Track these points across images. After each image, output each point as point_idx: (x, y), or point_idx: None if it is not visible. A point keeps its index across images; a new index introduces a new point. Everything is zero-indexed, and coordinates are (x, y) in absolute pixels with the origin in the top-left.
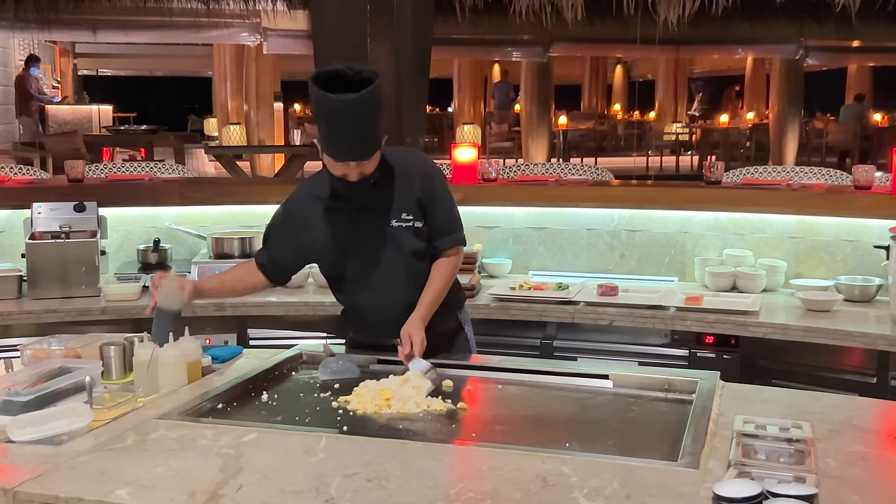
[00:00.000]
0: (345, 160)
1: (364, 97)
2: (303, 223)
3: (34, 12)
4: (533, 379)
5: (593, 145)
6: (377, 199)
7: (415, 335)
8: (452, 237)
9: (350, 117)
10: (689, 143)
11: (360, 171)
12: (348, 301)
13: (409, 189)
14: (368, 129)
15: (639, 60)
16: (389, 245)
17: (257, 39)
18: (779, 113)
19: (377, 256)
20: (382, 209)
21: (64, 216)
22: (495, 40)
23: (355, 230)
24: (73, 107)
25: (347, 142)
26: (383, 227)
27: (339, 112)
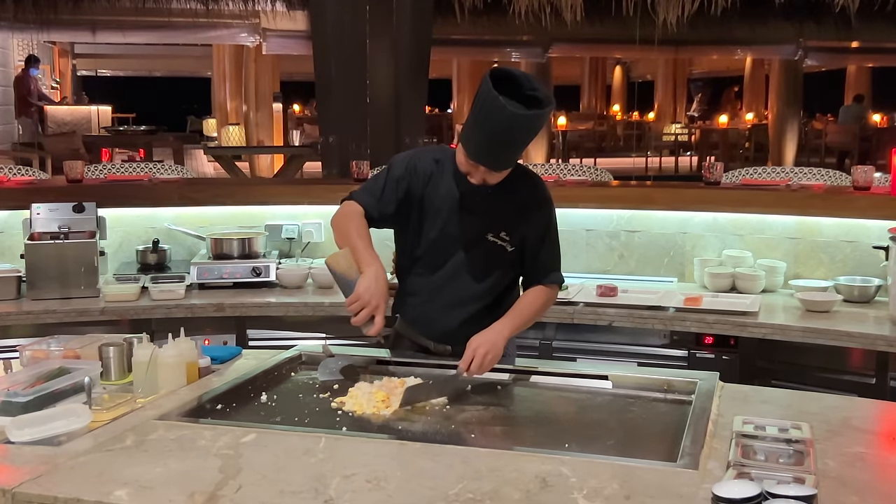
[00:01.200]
0: (479, 162)
1: (532, 117)
2: (417, 185)
3: (33, 13)
4: (532, 380)
5: (592, 146)
6: (487, 207)
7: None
8: (554, 275)
9: (510, 130)
10: (689, 144)
11: (483, 177)
12: (409, 281)
13: (522, 212)
14: (516, 147)
15: (638, 61)
16: (476, 253)
17: (256, 40)
18: (778, 113)
19: (461, 259)
20: (488, 218)
21: (63, 217)
22: (494, 41)
23: (455, 222)
24: (72, 107)
25: (492, 149)
26: (480, 235)
27: (504, 121)
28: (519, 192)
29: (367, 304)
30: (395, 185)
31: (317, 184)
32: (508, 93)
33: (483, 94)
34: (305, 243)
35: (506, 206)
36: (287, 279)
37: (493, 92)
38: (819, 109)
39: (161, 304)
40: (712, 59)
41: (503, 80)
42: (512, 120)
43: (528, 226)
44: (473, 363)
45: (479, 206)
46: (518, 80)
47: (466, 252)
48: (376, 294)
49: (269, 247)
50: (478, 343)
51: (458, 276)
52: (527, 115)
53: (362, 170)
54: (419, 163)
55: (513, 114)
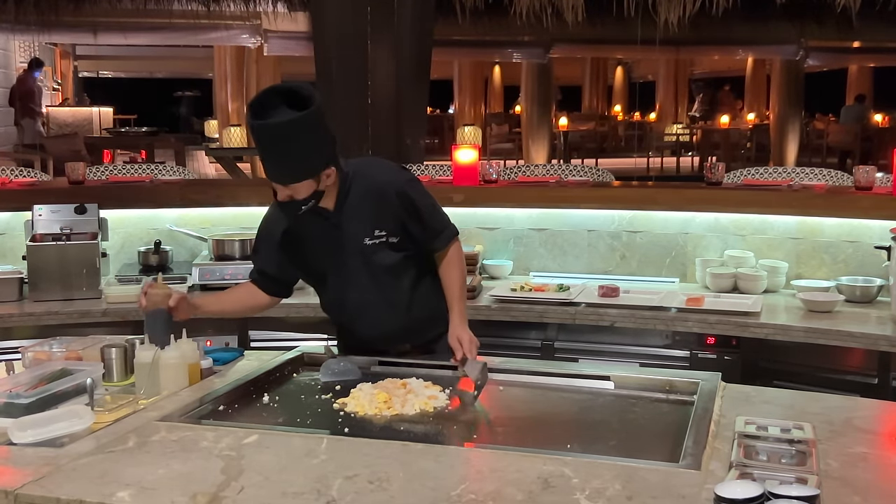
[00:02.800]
0: (273, 180)
1: (273, 126)
2: (279, 239)
3: (35, 14)
4: (534, 380)
5: (594, 146)
6: (348, 218)
7: (462, 336)
8: (445, 234)
9: (271, 142)
10: (690, 144)
11: (288, 193)
12: (332, 318)
13: (383, 206)
14: (294, 155)
15: (639, 61)
16: (365, 264)
17: (258, 41)
18: (779, 114)
19: (354, 276)
20: (353, 226)
21: (65, 218)
22: (496, 41)
23: (330, 250)
24: (73, 109)
25: (272, 164)
26: (358, 244)
27: (258, 135)
28: (366, 187)
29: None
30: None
31: None
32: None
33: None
34: None
35: (363, 207)
36: None
37: (246, 115)
38: (820, 109)
39: None
40: (713, 59)
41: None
42: (260, 132)
43: (397, 212)
44: (465, 349)
45: (338, 220)
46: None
47: (358, 264)
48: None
49: None
50: (455, 336)
51: (362, 290)
52: (271, 124)
53: None
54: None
55: (260, 126)
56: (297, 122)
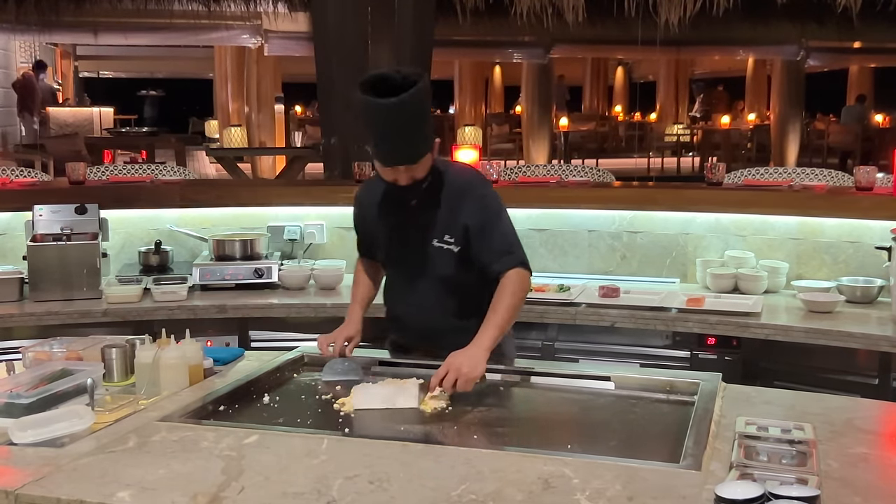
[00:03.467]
0: (392, 164)
1: (405, 100)
2: (367, 219)
3: (35, 14)
4: (534, 381)
5: (594, 147)
6: (424, 214)
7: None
8: (509, 258)
9: (394, 121)
10: (691, 145)
11: (409, 175)
12: (390, 304)
13: (458, 210)
14: (413, 132)
15: (640, 62)
16: (428, 264)
17: (258, 41)
18: (780, 114)
19: (417, 273)
20: (427, 226)
21: (65, 218)
22: (496, 42)
23: (401, 241)
24: (74, 109)
25: (394, 146)
26: (425, 245)
27: (382, 116)
28: (449, 187)
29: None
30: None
31: (319, 185)
32: (388, 93)
33: (360, 103)
34: (307, 244)
35: (440, 206)
36: (289, 280)
37: (361, 97)
38: (821, 110)
39: (163, 306)
40: (714, 59)
41: (377, 84)
42: (380, 110)
43: (465, 219)
44: (446, 380)
45: (418, 215)
46: (390, 78)
47: (422, 263)
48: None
49: (272, 248)
50: (454, 361)
51: (421, 286)
52: (396, 101)
53: (364, 171)
54: (359, 201)
55: (377, 104)
56: (413, 95)
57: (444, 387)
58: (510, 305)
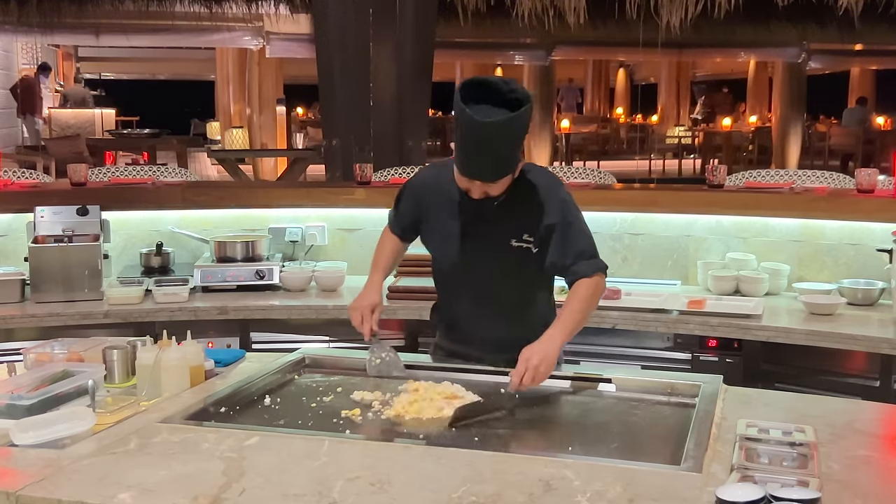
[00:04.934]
0: (471, 177)
1: (507, 122)
2: (426, 207)
3: (37, 16)
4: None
5: (596, 149)
6: (503, 213)
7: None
8: (594, 262)
9: (486, 138)
10: (692, 147)
11: (483, 190)
12: (446, 304)
13: (539, 211)
14: (503, 153)
15: (641, 64)
16: (503, 263)
17: (260, 43)
18: (781, 116)
19: (488, 271)
20: (506, 224)
21: (67, 220)
22: (498, 44)
23: (473, 236)
24: (75, 110)
25: (478, 161)
26: (503, 244)
27: (475, 130)
28: (531, 191)
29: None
30: (406, 207)
31: (320, 187)
32: (489, 100)
33: (455, 109)
34: (309, 246)
35: (522, 209)
36: (290, 282)
37: (460, 104)
38: (822, 112)
39: (165, 308)
40: (715, 61)
41: (479, 90)
42: (482, 129)
43: (546, 220)
44: (526, 376)
45: (497, 216)
46: (495, 86)
47: (495, 263)
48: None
49: (273, 250)
50: (530, 354)
51: (491, 287)
52: (497, 123)
53: (365, 173)
54: (421, 185)
55: (481, 123)
56: (519, 118)
57: (523, 384)
58: (585, 309)
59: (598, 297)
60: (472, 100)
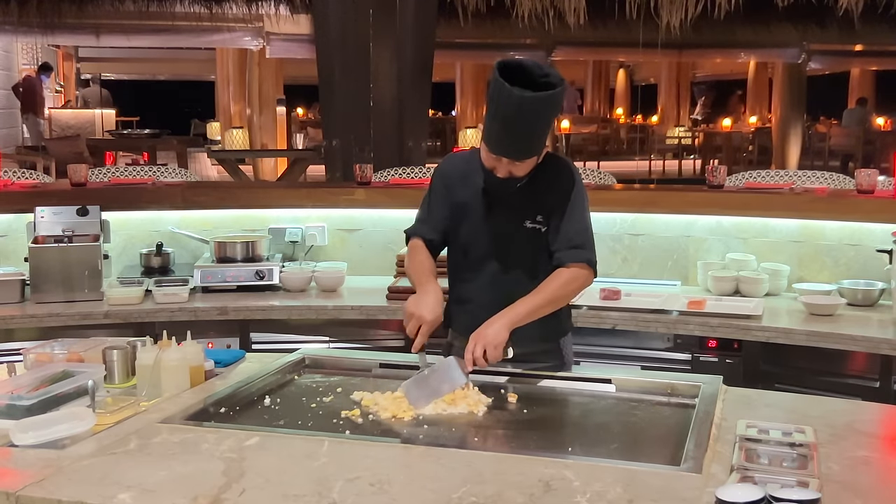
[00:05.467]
0: (499, 154)
1: (545, 98)
2: (452, 191)
3: (37, 16)
4: (535, 383)
5: (596, 149)
6: (522, 196)
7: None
8: (577, 252)
9: (522, 114)
10: (692, 147)
11: (509, 169)
12: (457, 288)
13: (551, 193)
14: (535, 132)
15: (641, 64)
16: (518, 244)
17: (260, 43)
18: (781, 117)
19: (505, 253)
20: (522, 206)
21: (67, 220)
22: (498, 44)
23: (491, 218)
24: (75, 111)
25: (509, 137)
26: (519, 224)
27: (513, 106)
28: (546, 174)
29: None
30: (438, 198)
31: (320, 187)
32: (521, 82)
33: (492, 85)
34: (309, 247)
35: (536, 191)
36: (290, 282)
37: (499, 80)
38: (823, 113)
39: (165, 308)
40: (716, 62)
41: (513, 71)
42: (521, 104)
43: (552, 202)
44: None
45: (514, 197)
46: (528, 69)
47: (509, 245)
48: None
49: (273, 250)
50: (478, 334)
51: (506, 270)
52: (536, 97)
53: (365, 173)
54: (449, 167)
55: (520, 97)
56: (555, 96)
57: (476, 360)
58: (555, 295)
59: (574, 288)
60: (506, 80)
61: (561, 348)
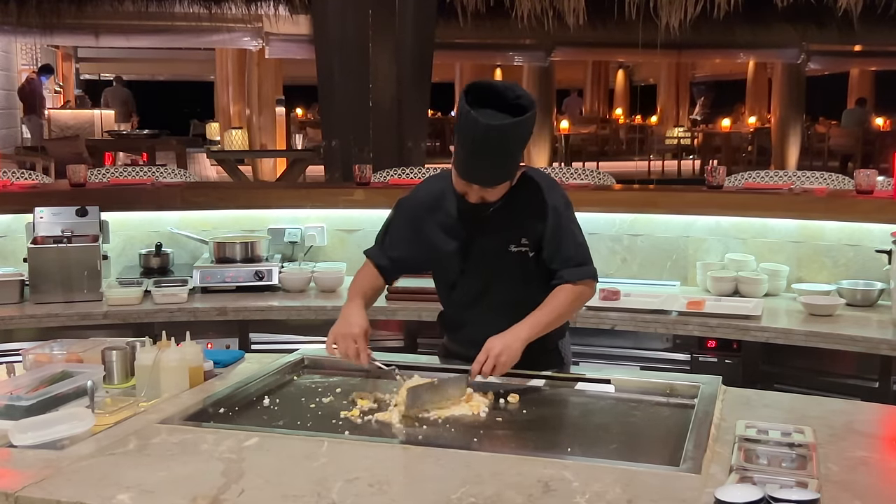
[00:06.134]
0: (469, 181)
1: (512, 126)
2: (423, 225)
3: (37, 17)
4: (534, 384)
5: (595, 149)
6: (500, 219)
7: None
8: (581, 269)
9: (489, 142)
10: (691, 148)
11: (481, 195)
12: (452, 312)
13: (534, 216)
14: (505, 158)
15: (641, 65)
16: (504, 268)
17: (259, 44)
18: (781, 117)
19: (490, 277)
20: (505, 230)
21: (66, 221)
22: (497, 45)
23: (472, 244)
24: (75, 111)
25: (478, 164)
26: (502, 249)
27: (481, 133)
28: (527, 196)
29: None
30: (401, 226)
31: (319, 187)
32: (492, 105)
33: (459, 111)
34: (308, 247)
35: (519, 214)
36: (290, 283)
37: (465, 107)
38: (822, 113)
39: (164, 308)
40: (715, 62)
41: (483, 94)
42: (487, 132)
43: (540, 224)
44: (486, 365)
45: (493, 221)
46: (499, 91)
47: (495, 270)
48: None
49: (272, 250)
50: (493, 344)
51: (494, 295)
52: (501, 126)
53: (365, 173)
54: (421, 197)
55: (486, 126)
56: (523, 123)
57: (483, 373)
58: (561, 311)
59: (579, 304)
60: (476, 103)
61: (560, 350)
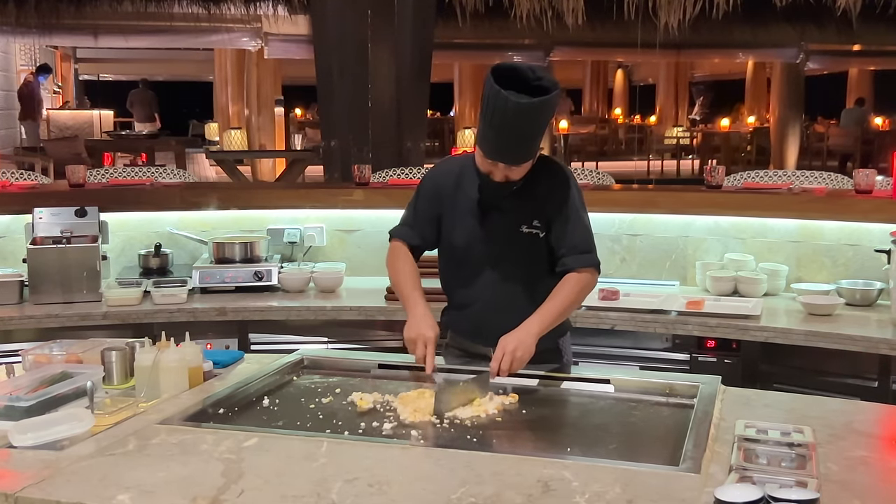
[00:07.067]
0: (496, 159)
1: (540, 104)
2: (442, 203)
3: (35, 17)
4: (533, 384)
5: (594, 149)
6: (516, 200)
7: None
8: (585, 257)
9: (518, 120)
10: (690, 147)
11: (506, 174)
12: (456, 294)
13: (548, 198)
14: (530, 137)
15: (639, 64)
16: (513, 249)
17: (258, 44)
18: (780, 117)
19: (500, 257)
20: (517, 210)
21: (65, 221)
22: (496, 44)
23: (485, 223)
24: (74, 112)
25: (505, 143)
26: (514, 229)
27: (509, 112)
28: (542, 179)
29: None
30: (426, 203)
31: (319, 188)
32: (515, 86)
33: (487, 91)
34: (307, 247)
35: (532, 196)
36: (289, 283)
37: (494, 87)
38: (821, 113)
39: (163, 309)
40: (714, 62)
41: (507, 75)
42: (517, 110)
43: (551, 206)
44: (504, 362)
45: (508, 201)
46: (523, 73)
47: (505, 249)
48: (422, 334)
49: (271, 251)
50: (507, 341)
51: (503, 275)
52: (531, 104)
53: (364, 174)
54: (443, 172)
55: (516, 104)
56: (551, 101)
57: (501, 371)
58: (569, 301)
59: (585, 293)
60: (501, 85)
61: (560, 348)
